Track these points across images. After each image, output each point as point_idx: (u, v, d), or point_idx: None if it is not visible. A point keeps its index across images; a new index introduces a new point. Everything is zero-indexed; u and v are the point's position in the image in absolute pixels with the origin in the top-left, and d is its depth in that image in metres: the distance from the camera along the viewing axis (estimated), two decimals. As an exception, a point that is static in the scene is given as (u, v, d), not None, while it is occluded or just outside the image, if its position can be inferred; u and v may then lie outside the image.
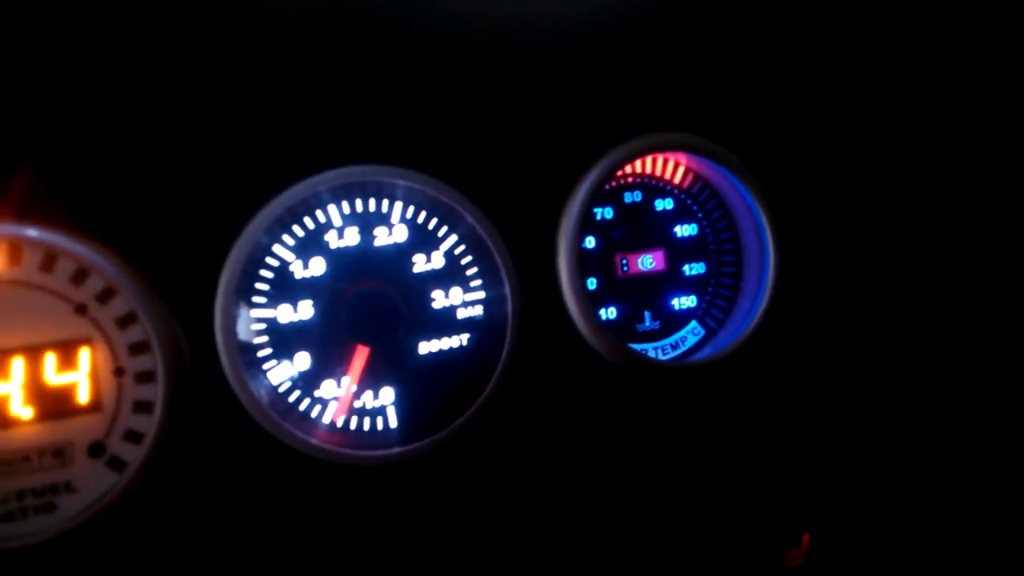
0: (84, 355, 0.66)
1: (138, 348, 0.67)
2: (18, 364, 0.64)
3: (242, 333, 0.72)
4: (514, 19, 0.77)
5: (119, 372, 0.67)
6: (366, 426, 0.77)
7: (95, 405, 0.66)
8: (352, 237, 0.77)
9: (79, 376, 0.66)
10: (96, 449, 0.66)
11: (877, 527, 0.92)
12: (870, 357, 0.92)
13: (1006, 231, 0.95)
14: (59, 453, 0.65)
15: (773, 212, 0.87)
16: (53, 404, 0.65)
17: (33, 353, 0.65)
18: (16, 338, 0.65)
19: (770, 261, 0.87)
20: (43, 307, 0.65)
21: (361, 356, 0.76)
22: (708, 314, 0.92)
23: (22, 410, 0.65)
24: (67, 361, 0.66)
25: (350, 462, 0.73)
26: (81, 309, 0.66)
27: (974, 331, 0.94)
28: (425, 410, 0.78)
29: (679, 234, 0.91)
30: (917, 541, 0.92)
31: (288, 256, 0.74)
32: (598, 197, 0.88)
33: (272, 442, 0.72)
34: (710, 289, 0.92)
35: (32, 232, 0.64)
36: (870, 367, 0.92)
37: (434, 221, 0.79)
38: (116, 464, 0.67)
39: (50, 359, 0.65)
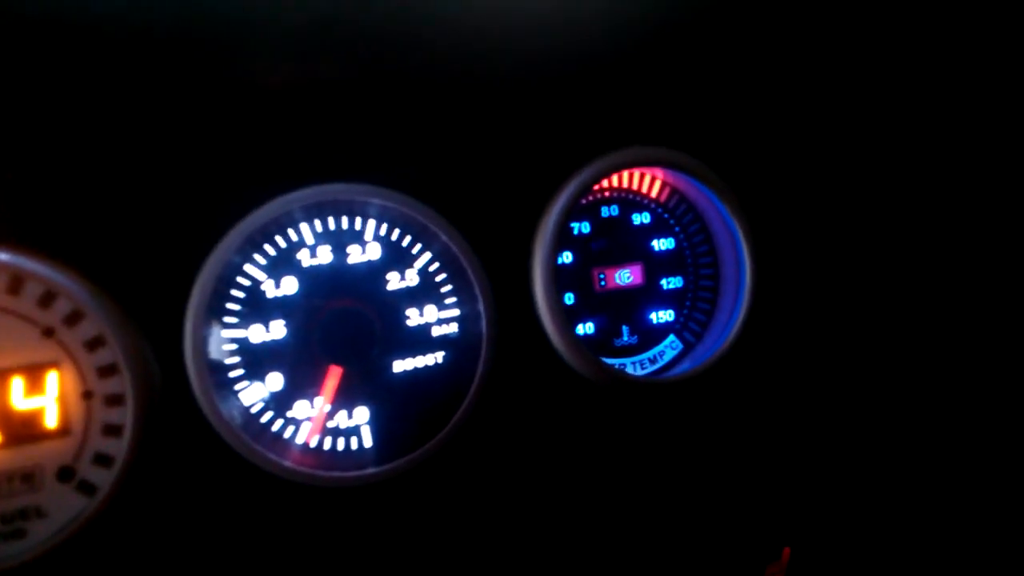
0: (52, 379, 0.66)
1: (107, 371, 0.67)
2: (-15, 389, 0.64)
3: (213, 353, 0.72)
4: (488, 38, 0.77)
5: (88, 395, 0.67)
6: (340, 446, 0.77)
7: (64, 429, 0.66)
8: (325, 255, 0.76)
9: (47, 400, 0.65)
10: (66, 473, 0.66)
11: (857, 540, 0.92)
12: (847, 370, 0.92)
13: (982, 247, 0.95)
14: (28, 478, 0.65)
15: (749, 226, 0.87)
16: (21, 428, 0.65)
17: (0, 377, 0.65)
18: (-18, 363, 0.64)
19: (747, 274, 0.87)
20: (10, 330, 0.65)
21: (334, 376, 0.75)
22: (686, 328, 0.92)
23: (-11, 435, 0.64)
24: (35, 385, 0.65)
25: (324, 483, 0.73)
26: (49, 332, 0.66)
27: (952, 344, 0.95)
28: (400, 429, 0.78)
29: (656, 248, 0.91)
30: (898, 554, 0.92)
31: (260, 275, 0.74)
32: (575, 211, 0.88)
33: (244, 464, 0.71)
34: (688, 303, 0.92)
35: (-1, 255, 0.64)
36: (848, 380, 0.92)
37: (408, 239, 0.79)
38: (86, 488, 0.66)
39: (17, 383, 0.65)
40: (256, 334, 0.74)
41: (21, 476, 0.65)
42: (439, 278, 0.80)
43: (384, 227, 0.78)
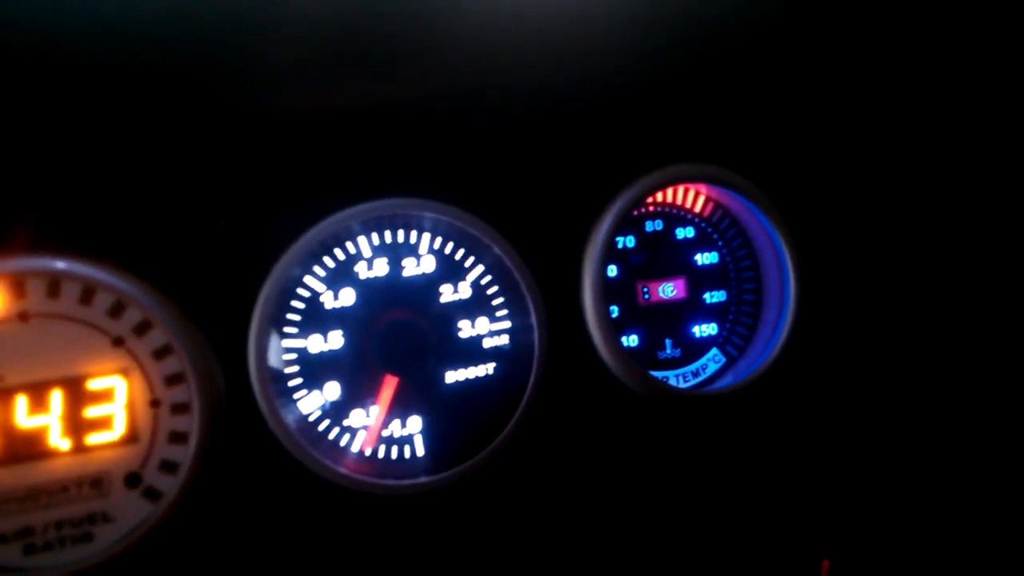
0: (121, 387, 0.67)
1: (174, 379, 0.68)
2: (56, 396, 0.66)
3: (274, 363, 0.73)
4: (541, 59, 0.78)
5: (155, 403, 0.68)
6: (394, 455, 0.78)
7: (132, 436, 0.67)
8: (381, 268, 0.78)
9: (116, 408, 0.67)
10: (133, 479, 0.67)
11: (899, 555, 0.92)
12: (892, 386, 0.93)
13: None
14: (97, 483, 0.67)
15: (793, 240, 0.88)
16: (92, 435, 0.66)
17: (71, 385, 0.66)
18: (55, 370, 0.66)
19: (790, 289, 0.88)
20: (82, 340, 0.66)
21: (390, 386, 0.77)
22: (729, 341, 0.93)
23: (60, 441, 0.66)
24: (104, 393, 0.67)
25: (378, 491, 0.74)
26: (119, 341, 0.67)
27: (1001, 362, 0.95)
28: (452, 439, 0.79)
29: (699, 262, 0.92)
30: (939, 570, 0.93)
31: (319, 287, 0.75)
32: (621, 226, 0.89)
33: (303, 471, 0.73)
34: (731, 316, 0.93)
35: (71, 266, 0.65)
36: (893, 396, 0.93)
37: (461, 252, 0.80)
38: (152, 494, 0.68)
39: (88, 391, 0.66)
40: (315, 344, 0.75)
41: (90, 482, 0.66)
42: (491, 291, 0.81)
43: (438, 240, 0.79)
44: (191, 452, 0.67)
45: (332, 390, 0.76)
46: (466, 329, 0.81)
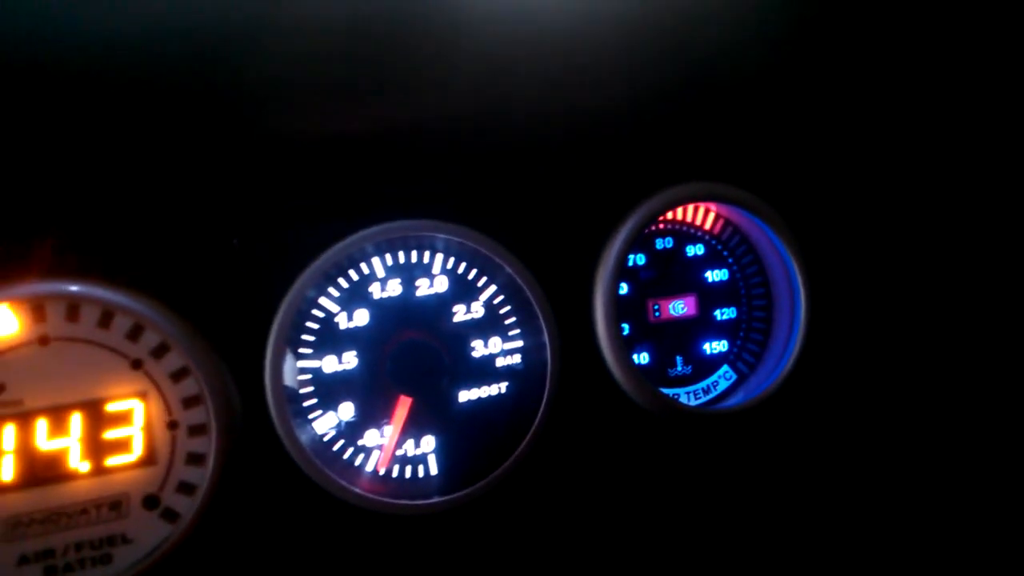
0: (139, 409, 0.68)
1: (191, 401, 0.69)
2: (76, 419, 0.66)
3: (289, 383, 0.74)
4: (553, 79, 0.79)
5: (173, 425, 0.69)
6: (408, 474, 0.79)
7: (150, 458, 0.68)
8: (394, 288, 0.78)
9: (134, 430, 0.68)
10: (151, 501, 0.68)
11: (910, 572, 0.92)
12: (903, 405, 0.93)
13: None
14: (116, 505, 0.67)
15: (803, 257, 0.89)
16: (109, 458, 0.67)
17: (90, 408, 0.67)
18: (74, 394, 0.66)
19: (801, 305, 0.88)
20: (100, 363, 0.67)
21: (404, 406, 0.77)
22: (739, 358, 0.93)
23: (80, 464, 0.66)
24: (123, 415, 0.67)
25: (392, 511, 0.75)
26: (137, 364, 0.68)
27: (1014, 379, 0.95)
28: (466, 458, 0.80)
29: (710, 279, 0.93)
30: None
31: (333, 308, 0.76)
32: (632, 244, 0.89)
33: (318, 491, 0.73)
34: (741, 334, 0.94)
35: (89, 290, 0.66)
36: (903, 416, 0.93)
37: (474, 272, 0.81)
38: (170, 516, 0.68)
39: (107, 414, 0.67)
40: (329, 364, 0.76)
41: (109, 504, 0.67)
42: (503, 310, 0.82)
43: (451, 261, 0.80)
44: (208, 473, 0.68)
45: (347, 410, 0.77)
46: (479, 348, 0.81)
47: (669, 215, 0.92)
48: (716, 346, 0.93)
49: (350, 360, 0.77)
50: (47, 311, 0.66)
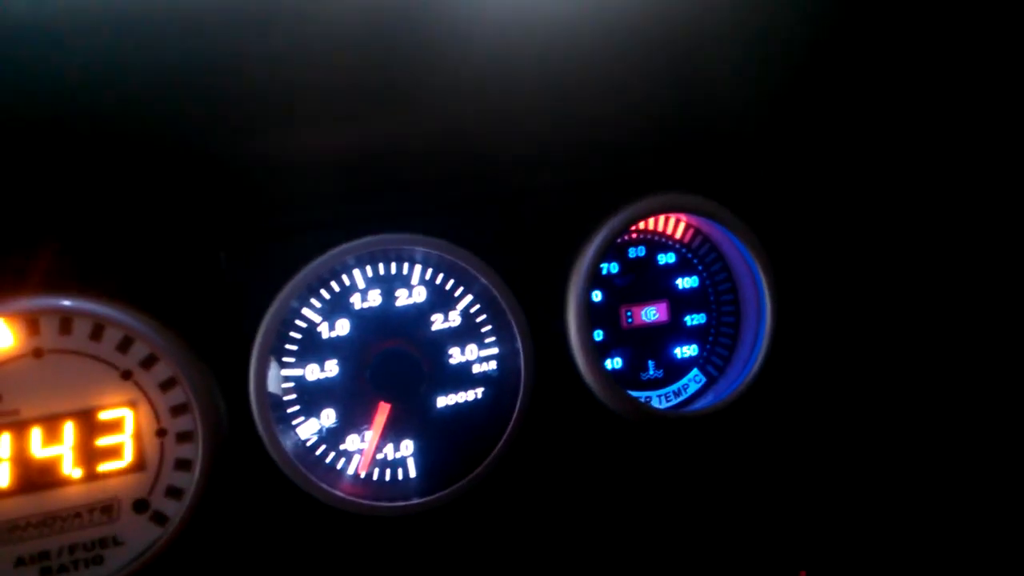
0: (129, 417, 0.71)
1: (179, 409, 0.72)
2: (69, 428, 0.70)
3: (273, 391, 0.77)
4: (528, 95, 0.82)
5: (161, 433, 0.72)
6: (387, 477, 0.83)
7: (139, 464, 0.72)
8: (375, 299, 0.82)
9: (125, 437, 0.71)
10: (140, 505, 0.72)
11: (877, 570, 0.96)
12: (868, 407, 0.97)
13: (998, 287, 1.00)
14: (107, 509, 0.71)
15: (770, 265, 0.92)
16: (101, 464, 0.71)
17: (83, 417, 0.70)
18: (67, 403, 0.70)
19: (767, 312, 0.92)
20: (92, 373, 0.71)
21: (383, 412, 0.81)
22: (709, 362, 0.97)
23: (73, 470, 0.70)
24: (114, 424, 0.71)
25: (373, 513, 0.78)
26: (127, 375, 0.71)
27: (972, 381, 0.99)
28: (443, 461, 0.84)
29: (681, 286, 0.97)
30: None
31: (316, 318, 0.80)
32: (605, 253, 0.93)
33: (301, 495, 0.77)
34: (711, 338, 0.97)
35: (81, 304, 0.69)
36: (868, 416, 0.97)
37: (451, 282, 0.85)
38: (159, 519, 0.72)
39: (98, 422, 0.70)
40: (312, 372, 0.79)
41: (101, 508, 0.71)
42: (479, 319, 0.85)
43: (429, 272, 0.84)
44: (195, 478, 0.72)
45: (328, 416, 0.80)
46: (456, 356, 0.85)
47: (641, 225, 0.95)
48: (687, 350, 0.96)
49: (332, 368, 0.80)
50: (41, 325, 0.69)
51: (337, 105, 0.76)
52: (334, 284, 0.81)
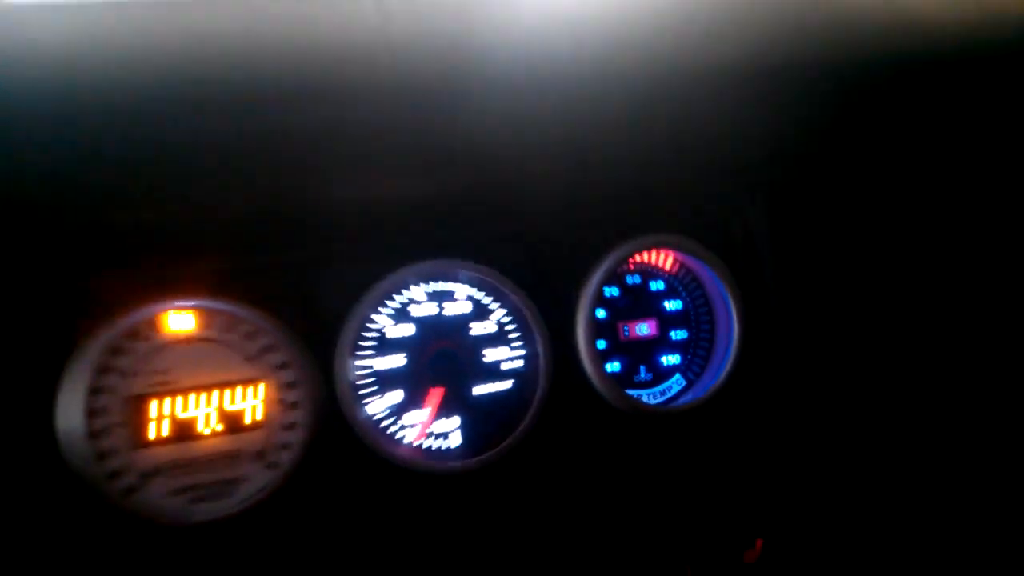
0: (255, 390, 0.97)
1: (289, 386, 0.98)
2: (213, 396, 0.95)
3: (353, 377, 1.03)
4: (546, 155, 1.07)
5: (277, 402, 0.98)
6: (437, 445, 1.08)
7: (260, 424, 0.97)
8: (430, 309, 1.08)
9: (249, 404, 0.97)
10: (259, 455, 0.97)
11: (848, 550, 1.19)
12: (826, 400, 1.21)
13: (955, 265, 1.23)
14: (234, 457, 0.96)
15: (738, 292, 1.17)
16: (232, 423, 0.96)
17: (222, 388, 0.96)
18: (210, 377, 0.96)
19: (735, 329, 1.17)
20: (226, 356, 0.96)
21: (436, 395, 1.06)
22: (690, 368, 1.22)
23: (212, 426, 0.95)
24: (243, 393, 0.96)
25: (425, 471, 1.03)
26: (252, 358, 0.97)
27: (922, 371, 1.22)
28: (479, 434, 1.08)
29: (668, 308, 1.21)
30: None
31: (386, 322, 1.05)
32: (608, 279, 1.19)
33: (371, 455, 1.02)
34: (690, 350, 1.22)
35: (220, 305, 0.95)
36: (826, 411, 1.21)
37: (488, 298, 1.10)
38: (273, 465, 0.97)
39: (232, 392, 0.96)
40: (382, 364, 1.05)
41: (230, 455, 0.96)
42: (509, 328, 1.11)
43: (472, 289, 1.09)
44: (300, 437, 0.97)
45: (394, 396, 1.05)
46: (490, 355, 1.10)
47: (638, 258, 1.21)
48: (671, 359, 1.21)
49: (398, 360, 1.06)
50: (213, 319, 0.95)
51: (401, 163, 1.01)
52: (399, 297, 1.06)
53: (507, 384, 1.10)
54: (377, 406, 1.05)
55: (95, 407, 0.90)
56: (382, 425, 1.05)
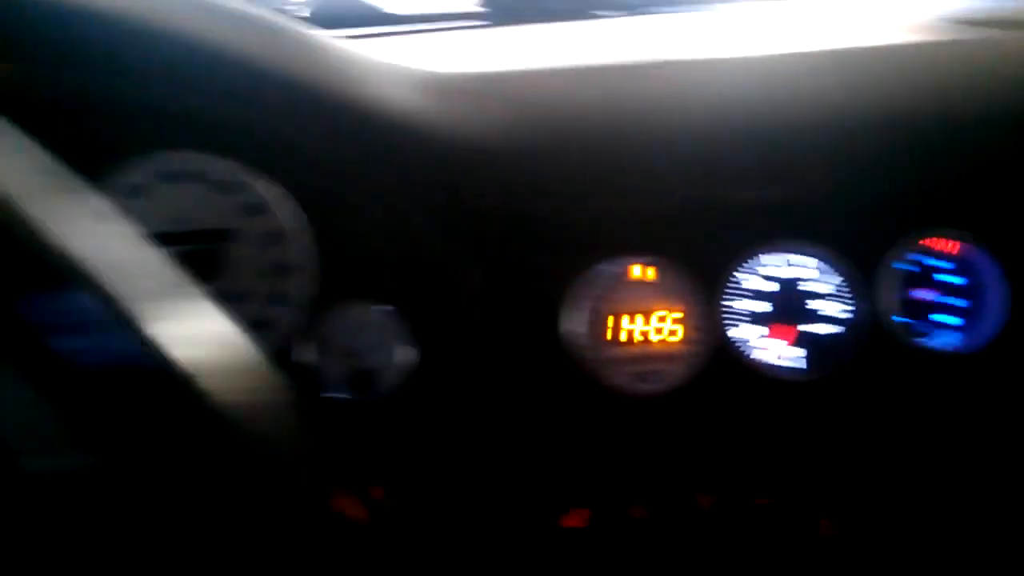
0: (672, 319, 1.49)
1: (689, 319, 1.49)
2: (652, 318, 1.48)
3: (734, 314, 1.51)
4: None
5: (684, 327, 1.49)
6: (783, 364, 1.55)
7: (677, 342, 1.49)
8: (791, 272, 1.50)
9: (668, 327, 1.48)
10: (673, 358, 1.49)
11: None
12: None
13: None
14: (658, 359, 1.49)
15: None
16: (659, 337, 1.49)
17: (658, 316, 1.49)
18: (648, 308, 1.49)
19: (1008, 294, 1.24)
20: (664, 296, 1.49)
21: (787, 331, 1.53)
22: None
23: (653, 339, 1.48)
24: (671, 320, 1.49)
25: (776, 377, 1.31)
26: (673, 295, 1.49)
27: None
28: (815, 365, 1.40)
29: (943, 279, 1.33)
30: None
31: (759, 282, 1.53)
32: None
33: (740, 366, 1.33)
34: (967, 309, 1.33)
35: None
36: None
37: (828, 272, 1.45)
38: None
39: (660, 319, 1.49)
40: (756, 307, 1.50)
41: (655, 357, 1.49)
42: (844, 291, 1.33)
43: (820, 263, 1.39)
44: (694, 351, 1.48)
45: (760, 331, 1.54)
46: (826, 308, 1.55)
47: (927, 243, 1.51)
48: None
49: (765, 307, 1.51)
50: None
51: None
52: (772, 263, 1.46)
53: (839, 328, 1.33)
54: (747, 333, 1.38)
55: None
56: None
